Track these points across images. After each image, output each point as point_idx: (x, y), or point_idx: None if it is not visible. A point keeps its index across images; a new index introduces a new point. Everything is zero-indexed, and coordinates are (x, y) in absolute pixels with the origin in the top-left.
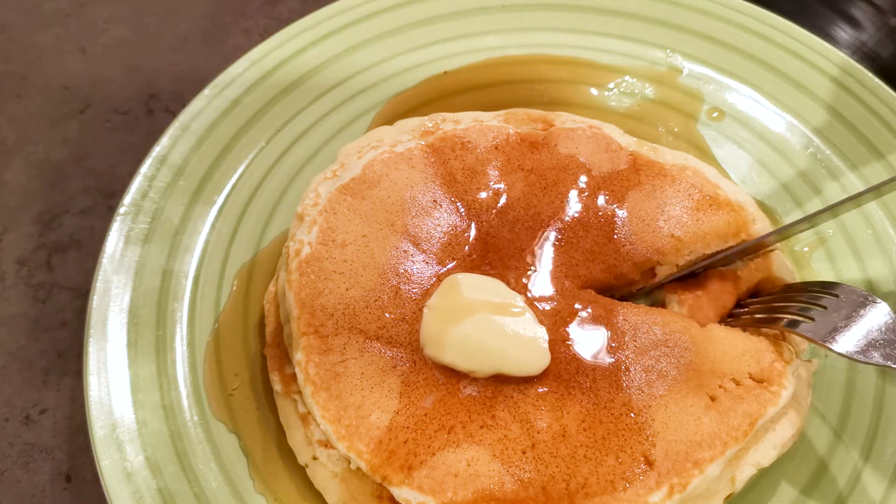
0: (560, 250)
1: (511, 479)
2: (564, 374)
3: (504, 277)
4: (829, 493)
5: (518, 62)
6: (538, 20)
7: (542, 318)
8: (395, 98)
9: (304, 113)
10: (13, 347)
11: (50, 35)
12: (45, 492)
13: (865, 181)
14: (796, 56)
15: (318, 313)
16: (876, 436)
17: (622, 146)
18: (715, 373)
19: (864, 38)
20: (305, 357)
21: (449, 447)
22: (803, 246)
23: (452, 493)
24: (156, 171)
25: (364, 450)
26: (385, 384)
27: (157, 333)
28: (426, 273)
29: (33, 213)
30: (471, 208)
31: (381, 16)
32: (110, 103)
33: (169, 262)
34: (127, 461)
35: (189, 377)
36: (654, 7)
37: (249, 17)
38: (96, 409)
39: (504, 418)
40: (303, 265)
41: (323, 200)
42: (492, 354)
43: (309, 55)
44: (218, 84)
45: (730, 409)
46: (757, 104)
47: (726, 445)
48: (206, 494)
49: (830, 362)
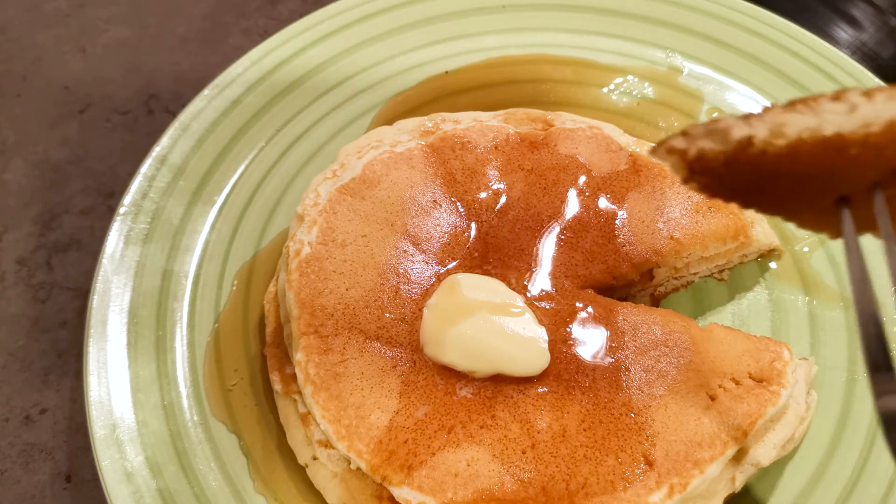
0: (560, 250)
1: (511, 479)
2: (564, 374)
3: (504, 277)
4: (829, 492)
5: (518, 62)
6: (538, 20)
7: (542, 318)
8: (395, 98)
9: (305, 113)
10: (13, 347)
11: (50, 35)
12: (45, 492)
13: None
14: (796, 56)
15: (318, 313)
16: (876, 436)
17: (622, 146)
18: (715, 373)
19: (864, 38)
20: (305, 357)
21: (449, 447)
22: (803, 246)
23: (452, 493)
24: (156, 171)
25: (364, 450)
26: (385, 384)
27: (157, 333)
28: (426, 273)
29: (33, 213)
30: (471, 208)
31: (381, 16)
32: (110, 103)
33: (169, 262)
34: (127, 461)
35: (189, 377)
36: (654, 7)
37: (249, 17)
38: (96, 409)
39: (504, 418)
40: (303, 265)
41: (323, 200)
42: (491, 354)
43: (309, 55)
44: (218, 84)
45: (730, 409)
46: (757, 104)
47: (726, 445)
48: (206, 494)
49: (830, 362)
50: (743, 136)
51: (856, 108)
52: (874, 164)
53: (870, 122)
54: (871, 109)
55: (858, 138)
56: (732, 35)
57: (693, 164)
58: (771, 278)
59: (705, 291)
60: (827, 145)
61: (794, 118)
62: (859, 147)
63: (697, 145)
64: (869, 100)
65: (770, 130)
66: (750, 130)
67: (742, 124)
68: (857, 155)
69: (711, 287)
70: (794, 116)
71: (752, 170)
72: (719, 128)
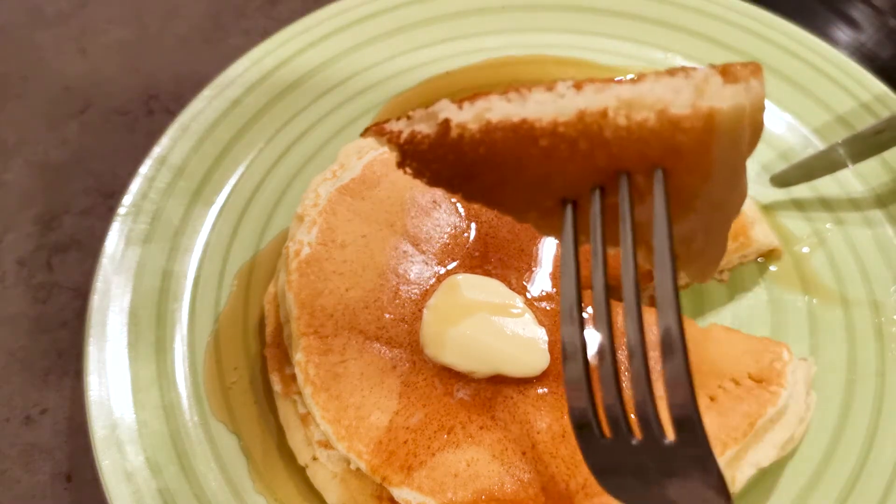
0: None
1: (511, 479)
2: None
3: (504, 278)
4: (829, 492)
5: (518, 62)
6: (538, 20)
7: (542, 319)
8: (396, 99)
9: (304, 113)
10: (13, 347)
11: (50, 35)
12: (46, 492)
13: (864, 181)
14: (796, 56)
15: (317, 314)
16: (875, 435)
17: None
18: (714, 373)
19: (864, 38)
20: (305, 357)
21: (449, 448)
22: (803, 247)
23: (452, 493)
24: (156, 172)
25: (364, 450)
26: (385, 385)
27: (158, 334)
28: (426, 274)
29: (33, 213)
30: (470, 209)
31: (381, 16)
32: (110, 104)
33: (169, 263)
34: (127, 461)
35: (189, 377)
36: (653, 7)
37: (249, 17)
38: (96, 409)
39: (504, 419)
40: (302, 266)
41: (323, 201)
42: (491, 355)
43: (309, 55)
44: (218, 84)
45: (729, 410)
46: None
47: (726, 446)
48: (206, 494)
49: (830, 363)
50: (443, 119)
51: (561, 97)
52: (579, 161)
53: (561, 112)
54: (572, 101)
55: (546, 127)
56: (731, 35)
57: (404, 147)
58: (770, 279)
59: (705, 292)
60: (517, 132)
61: (499, 104)
62: (549, 138)
63: (412, 128)
64: (578, 91)
65: (474, 115)
66: (451, 114)
67: (452, 107)
68: (549, 147)
69: (711, 287)
70: (501, 102)
71: (454, 156)
72: (433, 111)
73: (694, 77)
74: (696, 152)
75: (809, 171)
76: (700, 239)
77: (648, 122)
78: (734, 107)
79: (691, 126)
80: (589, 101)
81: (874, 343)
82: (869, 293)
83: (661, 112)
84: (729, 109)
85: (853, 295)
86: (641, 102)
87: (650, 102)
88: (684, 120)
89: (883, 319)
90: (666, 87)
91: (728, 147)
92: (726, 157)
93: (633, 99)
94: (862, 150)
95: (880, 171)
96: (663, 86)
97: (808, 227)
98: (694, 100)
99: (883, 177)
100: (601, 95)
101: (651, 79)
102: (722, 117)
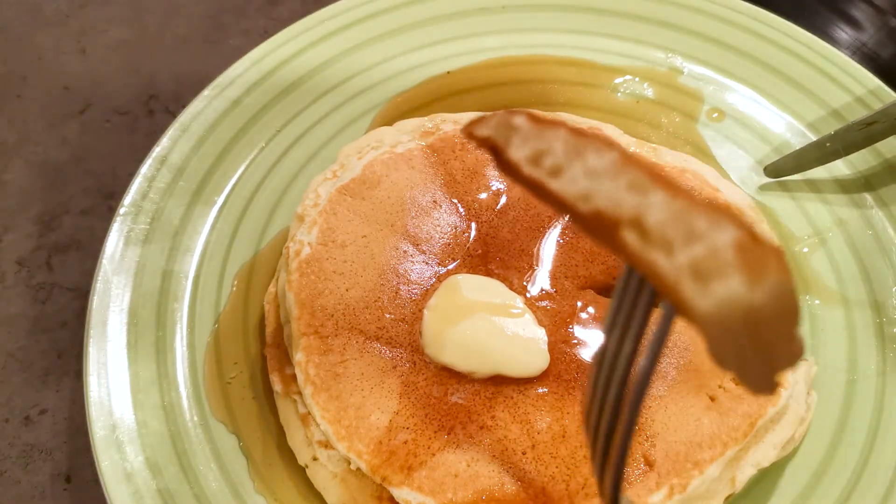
0: (560, 251)
1: (511, 479)
2: (564, 375)
3: (504, 278)
4: (829, 492)
5: (518, 63)
6: (538, 21)
7: (542, 319)
8: (396, 99)
9: (305, 113)
10: (13, 348)
11: (50, 35)
12: (45, 492)
13: (865, 180)
14: (796, 56)
15: (318, 314)
16: (876, 435)
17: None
18: (715, 373)
19: (864, 38)
20: (305, 357)
21: (449, 448)
22: (803, 247)
23: (452, 493)
24: (156, 172)
25: (364, 450)
26: (385, 385)
27: (157, 334)
28: (426, 274)
29: (33, 213)
30: (471, 209)
31: (382, 16)
32: (110, 103)
33: (169, 263)
34: (127, 462)
35: (189, 378)
36: (653, 8)
37: (249, 17)
38: (96, 409)
39: (504, 419)
40: (303, 266)
41: (323, 201)
42: (491, 355)
43: (309, 55)
44: (218, 84)
45: (730, 410)
46: (757, 104)
47: (726, 446)
48: (206, 495)
49: (830, 362)
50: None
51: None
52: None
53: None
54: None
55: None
56: (732, 36)
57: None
58: None
59: None
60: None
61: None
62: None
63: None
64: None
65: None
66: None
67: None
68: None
69: None
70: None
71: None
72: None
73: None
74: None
75: (802, 162)
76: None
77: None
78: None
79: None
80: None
81: (875, 343)
82: (869, 293)
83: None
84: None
85: (853, 295)
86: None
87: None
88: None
89: (884, 319)
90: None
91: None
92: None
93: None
94: (855, 141)
95: (881, 170)
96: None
97: (808, 227)
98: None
99: (883, 177)
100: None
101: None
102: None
